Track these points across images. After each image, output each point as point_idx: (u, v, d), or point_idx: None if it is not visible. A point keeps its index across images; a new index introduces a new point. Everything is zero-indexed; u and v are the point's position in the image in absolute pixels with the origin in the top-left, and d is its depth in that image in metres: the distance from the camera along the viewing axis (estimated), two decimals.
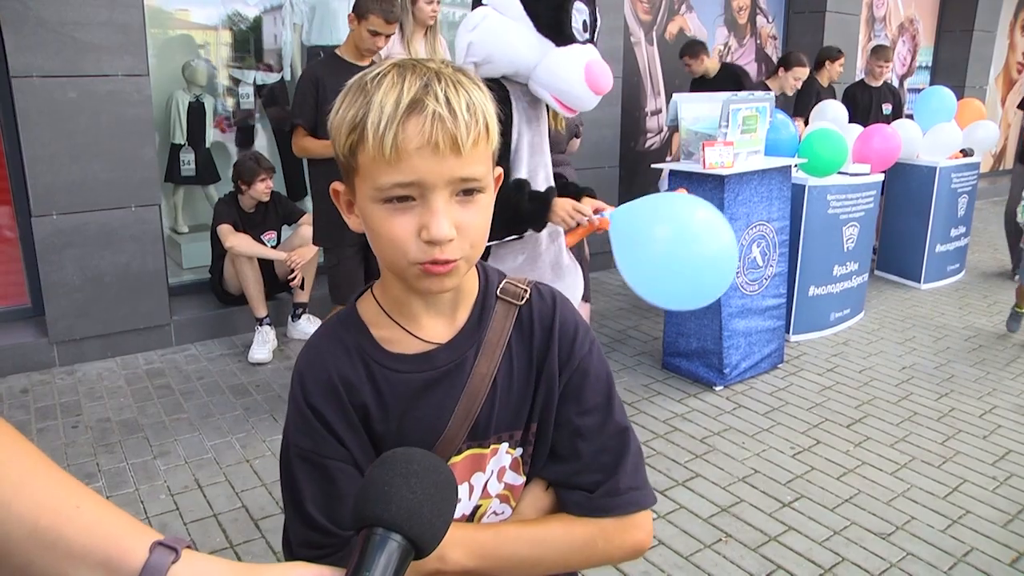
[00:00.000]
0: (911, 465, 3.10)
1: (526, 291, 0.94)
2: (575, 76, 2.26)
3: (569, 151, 3.83)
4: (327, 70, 3.30)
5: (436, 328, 0.90)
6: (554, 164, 3.49)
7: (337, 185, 0.88)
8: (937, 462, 3.12)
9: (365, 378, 0.88)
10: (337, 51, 3.38)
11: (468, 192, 0.80)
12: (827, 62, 5.92)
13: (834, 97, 6.06)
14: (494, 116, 0.82)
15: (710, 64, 5.58)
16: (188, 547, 0.64)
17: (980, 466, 3.10)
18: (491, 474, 0.94)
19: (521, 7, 2.23)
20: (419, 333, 0.90)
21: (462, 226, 0.79)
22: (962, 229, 5.78)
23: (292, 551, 0.89)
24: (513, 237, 2.40)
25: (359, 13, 3.26)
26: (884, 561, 2.48)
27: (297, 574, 0.67)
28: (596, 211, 2.37)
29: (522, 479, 0.97)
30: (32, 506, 0.61)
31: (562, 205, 2.34)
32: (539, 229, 2.42)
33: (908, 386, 3.88)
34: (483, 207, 0.83)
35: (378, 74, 0.79)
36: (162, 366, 3.93)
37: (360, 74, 0.82)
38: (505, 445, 0.93)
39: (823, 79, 5.91)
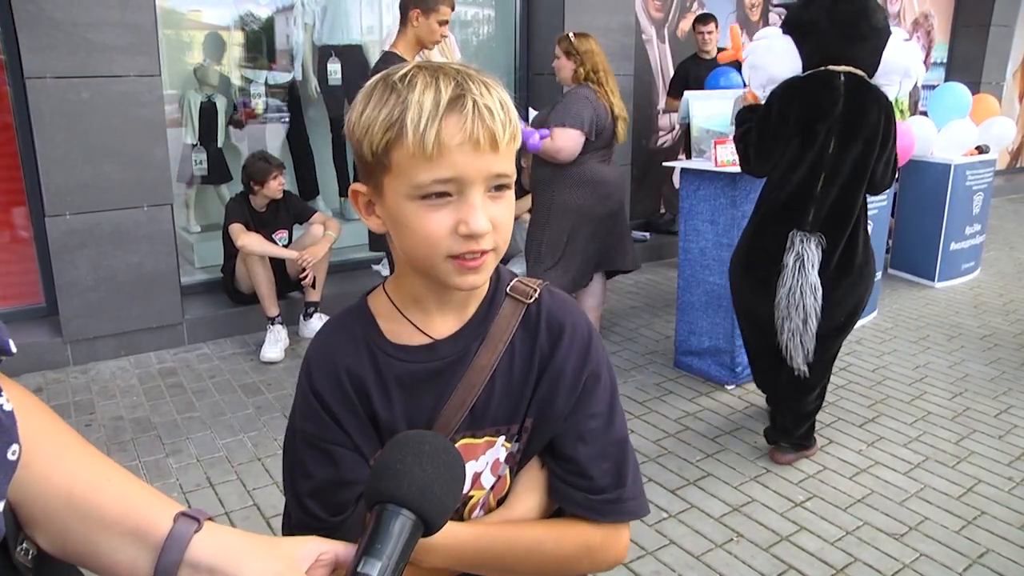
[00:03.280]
0: (925, 465, 3.07)
1: (536, 291, 0.96)
2: None
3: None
4: None
5: (445, 324, 0.93)
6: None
7: (357, 187, 0.89)
8: (951, 462, 3.09)
9: (370, 367, 0.91)
10: (395, 51, 3.33)
11: (499, 188, 0.83)
12: None
13: None
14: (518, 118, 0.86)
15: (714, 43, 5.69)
16: (210, 519, 0.68)
17: (995, 466, 3.07)
18: (485, 466, 0.95)
19: None
20: (427, 328, 0.92)
21: (495, 220, 0.83)
22: (977, 227, 5.72)
23: (291, 530, 0.94)
24: None
25: (426, 7, 3.27)
26: (897, 562, 2.45)
27: (311, 547, 0.71)
28: None
29: (511, 473, 0.98)
30: (68, 478, 0.67)
31: None
32: None
33: (922, 385, 3.85)
34: (511, 202, 0.86)
35: (406, 74, 0.81)
36: (174, 365, 3.96)
37: (381, 74, 0.83)
38: (502, 439, 0.95)
39: None
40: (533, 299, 0.95)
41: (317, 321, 4.32)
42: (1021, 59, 9.98)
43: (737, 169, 3.53)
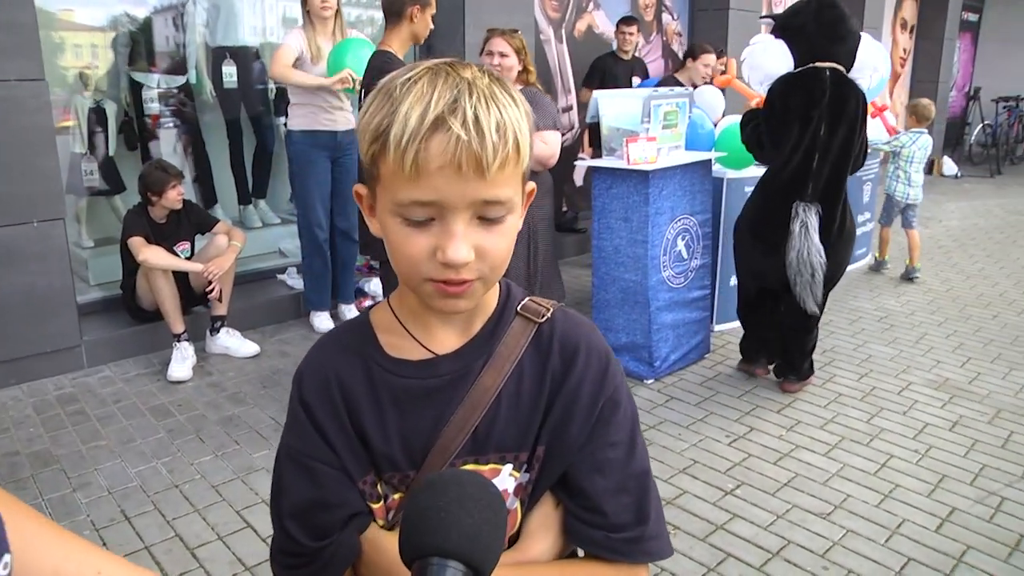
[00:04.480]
0: (841, 445, 3.21)
1: (548, 310, 0.91)
2: None
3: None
4: None
5: (448, 340, 0.88)
6: None
7: (360, 188, 0.85)
8: (865, 440, 3.25)
9: (363, 380, 0.87)
10: (389, 48, 3.26)
11: (491, 214, 0.77)
12: (689, 59, 5.58)
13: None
14: (527, 134, 0.77)
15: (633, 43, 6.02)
16: None
17: (903, 441, 3.25)
18: None
19: None
20: (429, 343, 0.87)
21: (482, 249, 0.77)
22: (867, 215, 6.06)
23: (274, 556, 0.89)
24: None
25: (424, 2, 3.28)
26: (827, 540, 2.56)
27: None
28: None
29: (521, 507, 0.91)
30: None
31: None
32: None
33: (831, 368, 4.03)
34: (508, 230, 0.79)
35: (409, 78, 0.75)
36: (75, 391, 3.69)
37: (392, 75, 0.78)
38: (508, 467, 0.89)
39: (683, 76, 5.56)
40: (545, 319, 0.90)
41: (225, 336, 4.12)
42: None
43: (649, 166, 3.61)
